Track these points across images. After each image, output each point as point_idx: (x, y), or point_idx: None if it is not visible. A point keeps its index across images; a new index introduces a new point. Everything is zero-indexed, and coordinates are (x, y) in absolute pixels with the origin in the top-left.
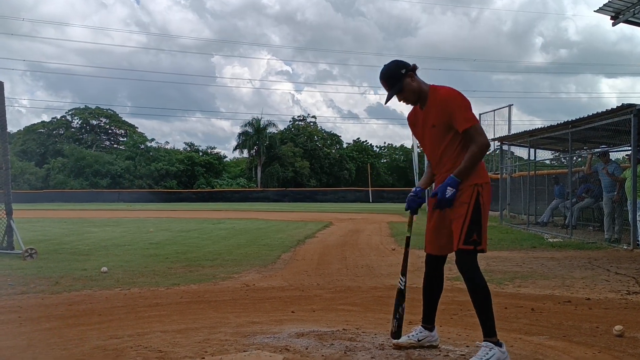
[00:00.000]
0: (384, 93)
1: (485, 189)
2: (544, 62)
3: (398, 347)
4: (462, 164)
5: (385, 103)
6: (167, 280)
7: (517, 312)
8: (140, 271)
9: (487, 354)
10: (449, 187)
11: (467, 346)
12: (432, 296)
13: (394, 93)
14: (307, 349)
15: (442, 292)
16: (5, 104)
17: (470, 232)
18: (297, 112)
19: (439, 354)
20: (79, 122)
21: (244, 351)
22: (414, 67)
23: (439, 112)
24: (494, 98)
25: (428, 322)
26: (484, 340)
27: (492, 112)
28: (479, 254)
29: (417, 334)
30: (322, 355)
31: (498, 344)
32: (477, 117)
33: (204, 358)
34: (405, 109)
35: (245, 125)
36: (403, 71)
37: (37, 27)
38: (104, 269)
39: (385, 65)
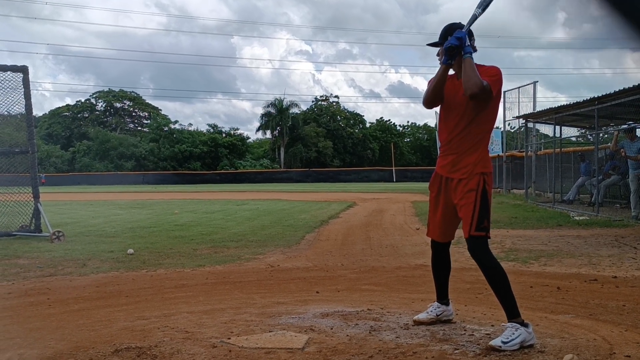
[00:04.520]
0: (404, 72)
1: (490, 177)
2: (567, 38)
3: (419, 323)
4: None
5: (429, 44)
6: (192, 262)
7: (543, 290)
8: (166, 252)
9: (513, 334)
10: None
11: (492, 325)
12: (442, 277)
13: (436, 45)
14: (332, 329)
15: (467, 272)
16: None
17: (482, 218)
18: (317, 92)
19: (464, 333)
20: (103, 105)
21: (270, 331)
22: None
23: None
24: (516, 75)
25: (442, 299)
26: (509, 322)
27: (517, 90)
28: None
29: (434, 309)
30: (347, 335)
31: (524, 324)
32: (501, 97)
33: (229, 338)
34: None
35: (268, 106)
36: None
37: (57, 10)
38: (130, 250)
39: (452, 24)
